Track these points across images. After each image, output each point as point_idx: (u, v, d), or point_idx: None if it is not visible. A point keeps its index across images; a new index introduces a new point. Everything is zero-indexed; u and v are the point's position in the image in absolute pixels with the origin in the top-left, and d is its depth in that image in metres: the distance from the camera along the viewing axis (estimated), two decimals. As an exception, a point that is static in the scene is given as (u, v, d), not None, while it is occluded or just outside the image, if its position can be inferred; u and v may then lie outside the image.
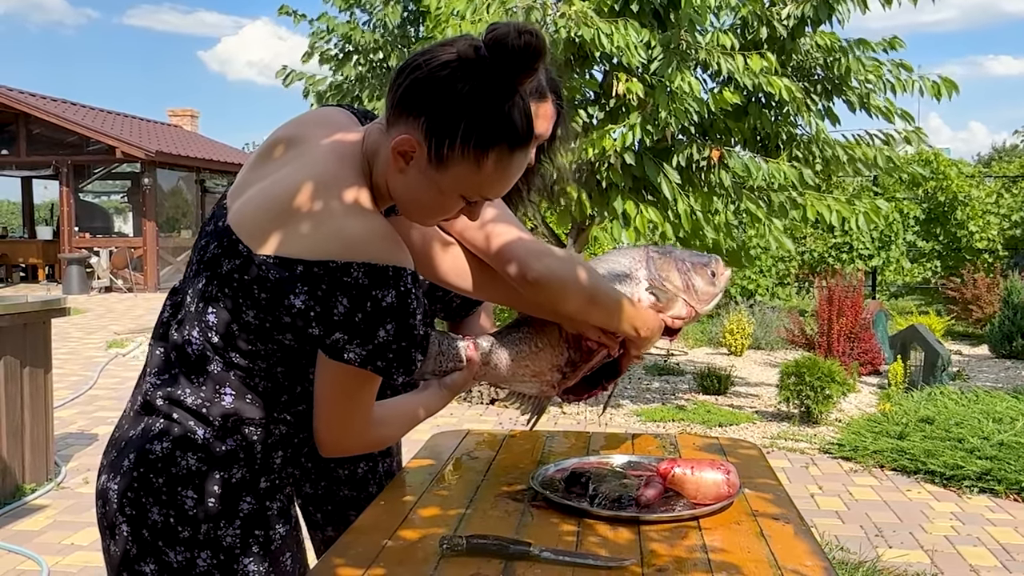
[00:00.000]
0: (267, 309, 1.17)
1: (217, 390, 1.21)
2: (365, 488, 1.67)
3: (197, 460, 1.20)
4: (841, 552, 3.51)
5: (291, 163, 1.22)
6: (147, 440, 1.22)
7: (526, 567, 1.22)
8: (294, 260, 1.12)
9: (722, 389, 6.86)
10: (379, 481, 1.69)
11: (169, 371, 1.24)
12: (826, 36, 5.62)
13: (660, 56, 5.18)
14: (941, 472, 4.54)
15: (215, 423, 1.21)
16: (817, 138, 5.72)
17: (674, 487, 1.49)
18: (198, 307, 1.22)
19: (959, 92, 5.65)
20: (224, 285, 1.19)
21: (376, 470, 1.70)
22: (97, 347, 9.48)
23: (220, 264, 1.19)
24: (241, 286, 1.17)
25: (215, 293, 1.20)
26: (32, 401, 4.31)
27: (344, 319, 1.12)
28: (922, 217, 13.51)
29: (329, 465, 1.64)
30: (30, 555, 3.50)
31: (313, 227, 1.13)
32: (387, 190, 1.21)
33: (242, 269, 1.17)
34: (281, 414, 1.26)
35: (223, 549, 1.21)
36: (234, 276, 1.18)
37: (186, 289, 1.27)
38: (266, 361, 1.21)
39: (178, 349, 1.23)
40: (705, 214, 5.42)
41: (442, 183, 1.16)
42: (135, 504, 1.20)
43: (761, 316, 10.05)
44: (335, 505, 1.67)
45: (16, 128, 17.27)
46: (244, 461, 1.23)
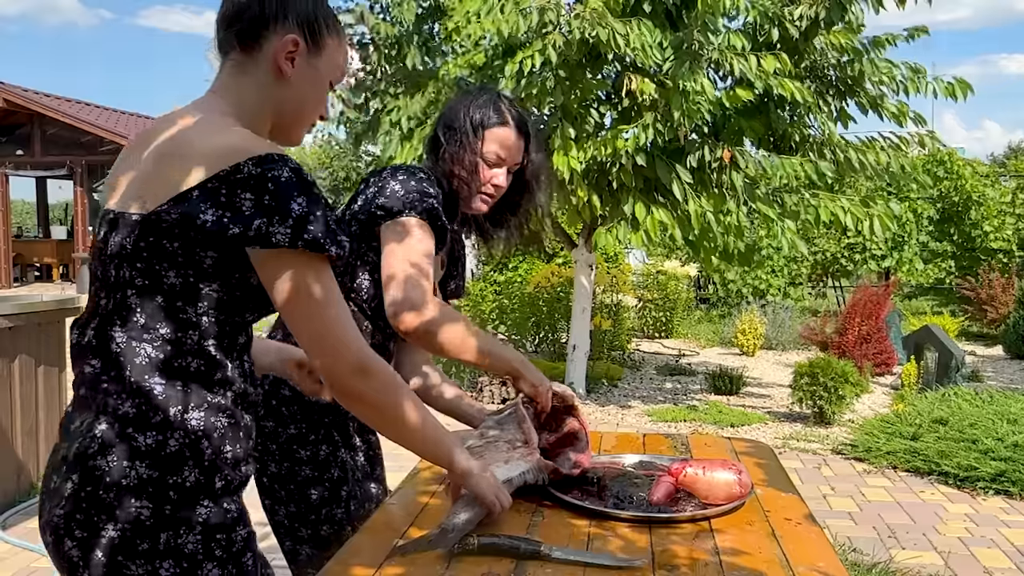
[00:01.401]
0: (184, 254, 1.16)
1: (145, 387, 1.17)
2: (327, 470, 1.72)
3: (146, 467, 1.15)
4: (854, 553, 3.49)
5: (150, 147, 1.25)
6: (89, 457, 1.17)
7: (537, 567, 1.23)
8: (186, 191, 1.15)
9: (734, 389, 6.84)
10: (341, 466, 1.74)
11: (97, 386, 1.20)
12: (840, 36, 5.59)
13: (673, 56, 5.17)
14: (955, 473, 4.51)
15: (155, 422, 1.16)
16: (830, 140, 5.69)
17: (686, 487, 1.49)
18: (119, 312, 1.20)
19: (974, 93, 5.61)
20: (134, 265, 1.19)
21: (337, 455, 1.74)
22: (111, 346, 9.52)
23: (126, 250, 1.19)
24: (152, 253, 1.17)
25: (131, 279, 1.19)
26: (47, 400, 4.34)
27: (255, 208, 1.14)
28: (936, 217, 13.43)
29: (292, 447, 1.72)
30: (44, 552, 3.53)
31: (189, 158, 1.17)
32: (265, 125, 1.30)
33: (145, 234, 1.17)
34: (216, 396, 1.20)
35: (185, 557, 1.17)
36: (141, 249, 1.18)
37: (94, 319, 1.24)
38: (196, 329, 1.19)
39: (103, 359, 1.20)
40: (716, 215, 5.40)
41: (321, 67, 1.31)
42: (86, 526, 1.16)
43: (773, 316, 10.02)
44: (297, 485, 1.72)
45: (31, 129, 17.38)
46: (192, 460, 1.17)
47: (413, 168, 1.72)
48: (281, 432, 1.72)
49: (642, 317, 10.28)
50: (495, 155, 1.75)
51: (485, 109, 1.76)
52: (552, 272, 8.94)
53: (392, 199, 1.63)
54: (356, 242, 1.69)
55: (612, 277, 8.86)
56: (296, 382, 1.51)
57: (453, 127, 1.76)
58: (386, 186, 1.65)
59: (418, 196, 1.64)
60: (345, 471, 1.75)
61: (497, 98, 1.80)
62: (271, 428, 1.72)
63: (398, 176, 1.67)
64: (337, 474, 1.73)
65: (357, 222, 1.68)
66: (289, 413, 1.72)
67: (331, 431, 1.75)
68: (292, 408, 1.72)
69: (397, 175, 1.67)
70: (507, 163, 1.77)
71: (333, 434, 1.75)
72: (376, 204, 1.64)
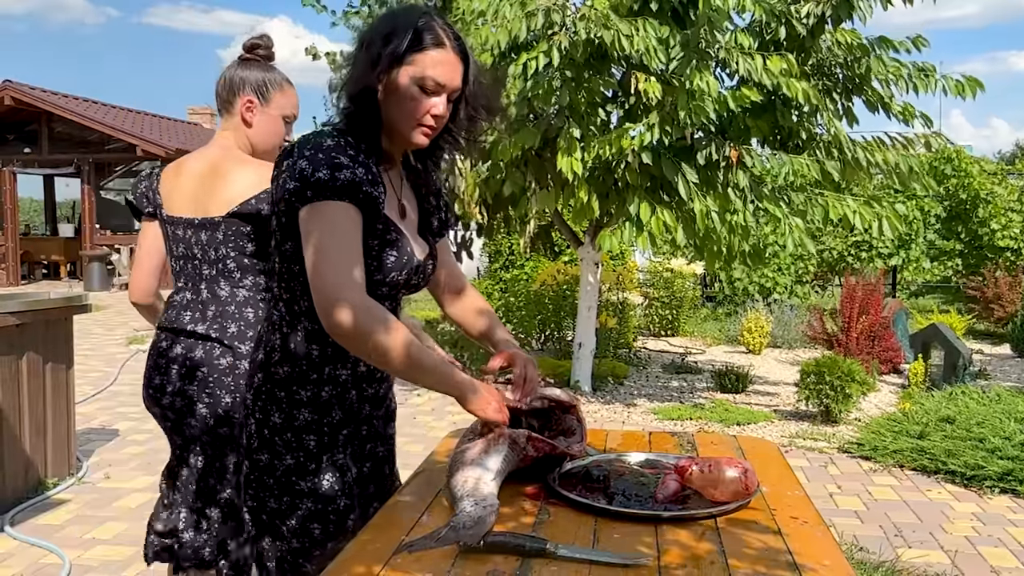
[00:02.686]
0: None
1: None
2: (332, 501, 1.62)
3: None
4: (860, 552, 3.49)
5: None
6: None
7: (543, 564, 1.23)
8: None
9: (740, 388, 6.83)
10: (347, 493, 1.64)
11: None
12: (847, 34, 5.57)
13: (679, 55, 5.16)
14: (962, 472, 4.50)
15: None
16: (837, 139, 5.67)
17: (691, 485, 1.49)
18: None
19: (983, 90, 5.59)
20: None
21: (342, 479, 1.64)
22: (118, 343, 9.56)
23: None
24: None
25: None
26: (54, 397, 4.36)
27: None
28: (943, 215, 13.38)
29: (291, 479, 1.61)
30: (52, 548, 3.54)
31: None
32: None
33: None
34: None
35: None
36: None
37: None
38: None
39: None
40: (722, 215, 5.38)
41: (270, 111, 2.20)
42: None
43: (780, 314, 10.00)
44: (300, 520, 1.62)
45: (38, 127, 17.44)
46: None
47: (320, 136, 1.51)
48: (278, 464, 1.60)
49: (648, 315, 10.27)
50: (433, 81, 1.53)
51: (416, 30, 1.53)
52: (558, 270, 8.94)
53: (301, 180, 1.46)
54: (282, 234, 1.55)
55: (618, 275, 8.86)
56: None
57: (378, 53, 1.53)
58: (295, 167, 1.48)
59: (328, 172, 1.45)
60: (351, 497, 1.63)
61: (430, 18, 1.55)
62: (266, 461, 1.60)
63: (305, 151, 1.48)
64: (344, 504, 1.61)
65: (280, 213, 1.53)
66: (283, 443, 1.60)
67: (329, 455, 1.61)
68: (286, 436, 1.60)
69: (304, 150, 1.49)
70: (447, 90, 1.55)
71: (335, 457, 1.62)
72: (287, 190, 1.48)
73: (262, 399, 1.61)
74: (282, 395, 1.59)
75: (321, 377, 1.59)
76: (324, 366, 1.58)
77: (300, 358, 1.58)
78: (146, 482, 4.52)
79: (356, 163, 1.49)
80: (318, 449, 1.60)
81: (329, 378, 1.59)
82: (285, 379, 1.59)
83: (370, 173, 1.50)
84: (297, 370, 1.58)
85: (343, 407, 1.63)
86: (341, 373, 1.60)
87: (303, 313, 1.57)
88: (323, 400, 1.60)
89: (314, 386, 1.59)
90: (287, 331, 1.59)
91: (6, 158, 17.52)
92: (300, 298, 1.56)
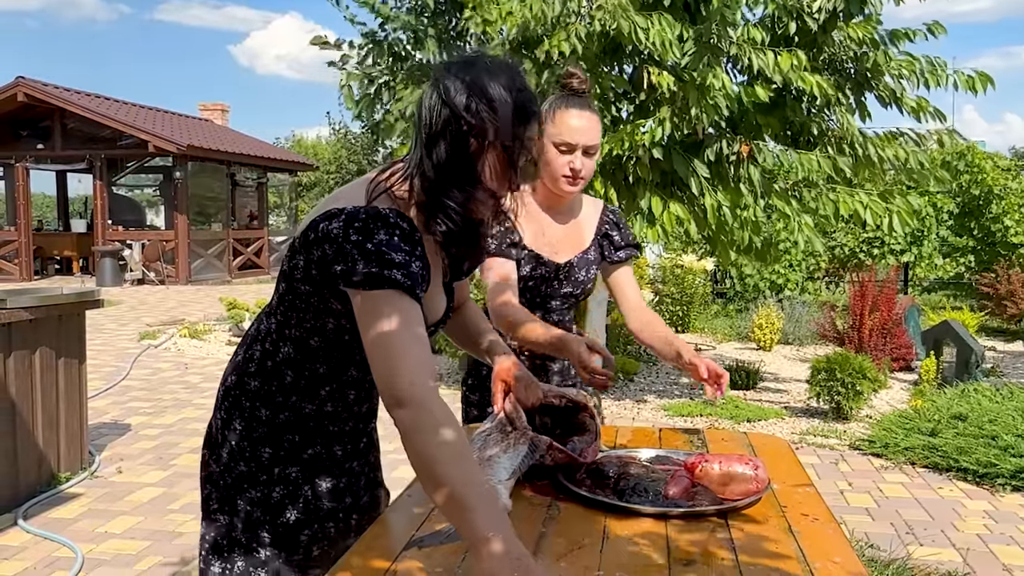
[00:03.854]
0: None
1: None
2: (298, 532, 1.58)
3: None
4: (871, 549, 3.47)
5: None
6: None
7: (552, 557, 1.23)
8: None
9: (751, 384, 6.82)
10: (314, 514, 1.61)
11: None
12: (859, 28, 5.54)
13: (692, 50, 5.14)
14: (974, 470, 4.48)
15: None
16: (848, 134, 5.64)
17: (701, 482, 1.49)
18: None
19: (994, 86, 5.55)
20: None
21: (308, 498, 1.60)
22: (130, 339, 9.61)
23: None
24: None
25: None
26: (67, 391, 4.39)
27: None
28: (956, 211, 13.31)
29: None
30: (65, 542, 3.57)
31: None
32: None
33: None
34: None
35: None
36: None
37: None
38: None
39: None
40: (733, 210, 5.37)
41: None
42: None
43: (791, 311, 9.97)
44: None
45: (51, 123, 17.53)
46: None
47: (376, 220, 1.36)
48: (233, 467, 1.58)
49: (659, 311, 10.25)
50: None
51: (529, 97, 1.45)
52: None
53: (349, 267, 1.34)
54: (304, 275, 1.44)
55: (628, 271, 8.83)
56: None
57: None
58: (343, 248, 1.34)
59: (378, 267, 1.33)
60: (305, 512, 1.58)
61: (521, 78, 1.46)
62: (225, 460, 1.59)
63: (351, 235, 1.35)
64: (293, 518, 1.57)
65: (308, 277, 1.42)
66: (239, 449, 1.58)
67: (280, 467, 1.57)
68: (242, 444, 1.58)
69: (351, 232, 1.35)
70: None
71: (287, 471, 1.57)
72: (332, 271, 1.36)
73: (229, 400, 1.60)
74: (246, 405, 1.58)
75: (285, 402, 1.55)
76: (291, 394, 1.55)
77: (272, 378, 1.56)
78: (158, 476, 4.55)
79: (411, 257, 1.36)
80: (270, 461, 1.57)
81: (292, 406, 1.56)
82: (253, 392, 1.57)
83: (424, 269, 1.39)
84: (265, 388, 1.56)
85: (299, 435, 1.57)
86: (306, 406, 1.56)
87: (291, 339, 1.54)
88: (280, 423, 1.57)
89: (275, 408, 1.56)
90: (269, 348, 1.56)
91: (19, 154, 17.62)
92: (295, 327, 1.52)
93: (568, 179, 2.08)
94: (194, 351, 8.87)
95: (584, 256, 2.23)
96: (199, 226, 18.38)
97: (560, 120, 2.06)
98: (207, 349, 8.96)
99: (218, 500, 1.59)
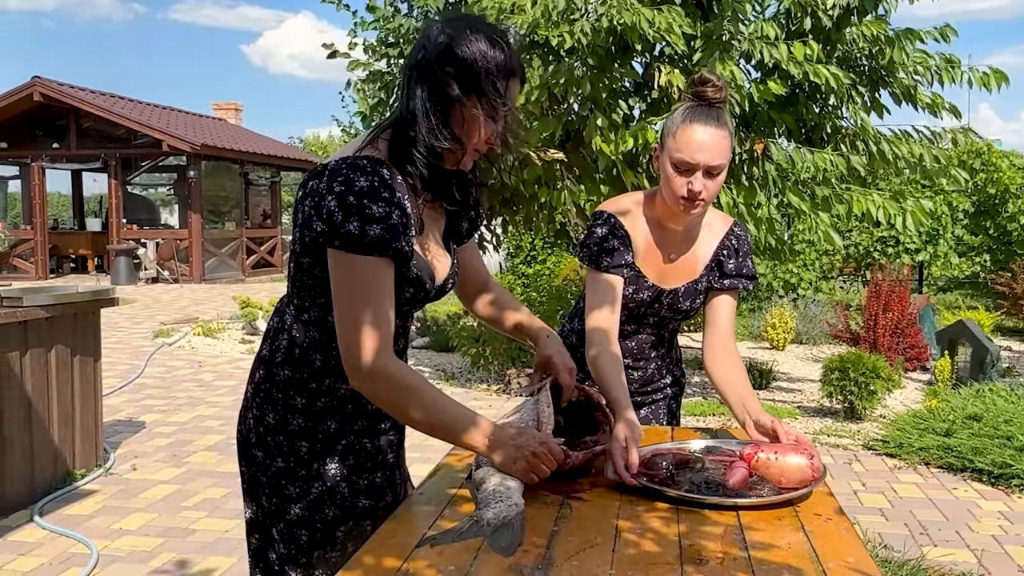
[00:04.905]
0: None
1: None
2: (319, 510, 1.60)
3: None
4: (885, 550, 3.46)
5: None
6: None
7: (564, 559, 1.23)
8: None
9: (764, 383, 6.79)
10: (337, 502, 1.61)
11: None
12: (872, 26, 5.51)
13: (703, 46, 5.12)
14: (989, 470, 4.45)
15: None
16: (863, 131, 5.61)
17: (757, 472, 1.49)
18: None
19: (1008, 84, 5.51)
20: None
21: (333, 488, 1.61)
22: (144, 337, 9.67)
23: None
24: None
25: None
26: (82, 389, 4.42)
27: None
28: (971, 210, 13.21)
29: (280, 482, 1.60)
30: (80, 539, 3.59)
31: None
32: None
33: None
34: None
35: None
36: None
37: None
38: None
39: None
40: (748, 208, 5.35)
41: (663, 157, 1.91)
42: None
43: (804, 310, 9.93)
44: (287, 524, 1.61)
45: (67, 122, 17.66)
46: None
47: (353, 171, 1.41)
48: (270, 464, 1.59)
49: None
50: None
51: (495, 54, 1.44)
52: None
53: (329, 226, 1.39)
54: (302, 247, 1.49)
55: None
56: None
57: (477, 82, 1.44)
58: (321, 205, 1.40)
59: (359, 225, 1.38)
60: (342, 508, 1.59)
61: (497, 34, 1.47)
62: (260, 459, 1.60)
63: (335, 187, 1.39)
64: (332, 514, 1.59)
65: (302, 234, 1.45)
66: (275, 444, 1.58)
67: (320, 463, 1.58)
68: (278, 439, 1.58)
69: (334, 185, 1.40)
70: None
71: (327, 466, 1.58)
72: (314, 230, 1.41)
73: (260, 396, 1.60)
74: (279, 397, 1.58)
75: (320, 387, 1.57)
76: (324, 377, 1.56)
77: (302, 365, 1.56)
78: (172, 474, 4.57)
79: (391, 206, 1.41)
80: (309, 456, 1.58)
81: (328, 389, 1.57)
82: (284, 382, 1.57)
83: (403, 216, 1.43)
84: (297, 376, 1.57)
85: (337, 418, 1.59)
86: (340, 387, 1.57)
87: (312, 322, 1.55)
88: (317, 409, 1.57)
89: (311, 395, 1.57)
90: (295, 335, 1.57)
91: (35, 153, 17.75)
92: (310, 308, 1.54)
93: (686, 201, 1.85)
94: (208, 349, 8.91)
95: (693, 286, 2.02)
96: (213, 225, 18.46)
97: (682, 135, 1.83)
98: (221, 347, 9.01)
99: (257, 496, 1.61)
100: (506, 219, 6.52)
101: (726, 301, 2.01)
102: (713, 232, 2.03)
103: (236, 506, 4.01)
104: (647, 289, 2.00)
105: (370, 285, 1.41)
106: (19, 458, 3.98)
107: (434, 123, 1.45)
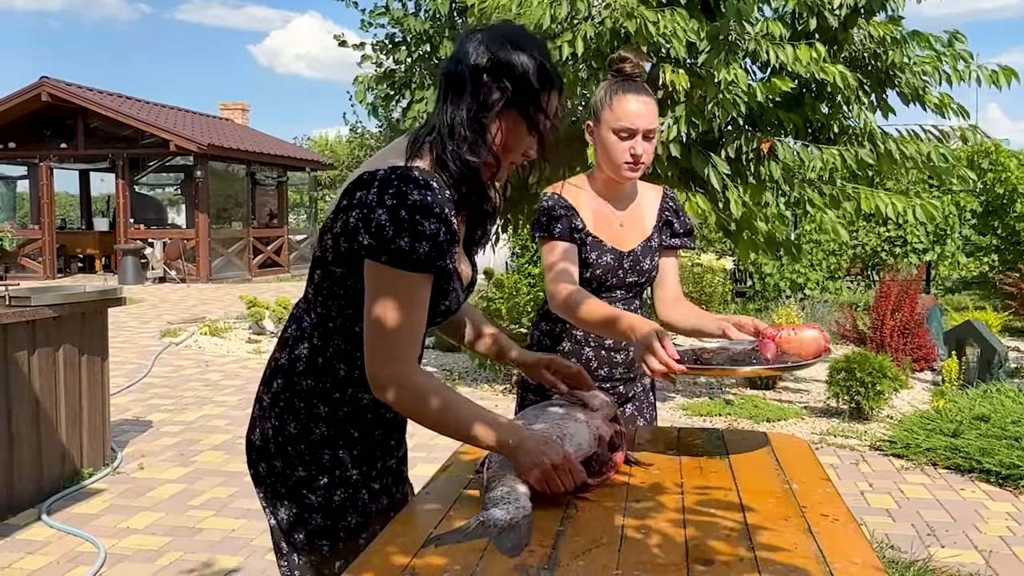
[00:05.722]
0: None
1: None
2: (342, 517, 1.59)
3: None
4: (892, 551, 3.45)
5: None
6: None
7: (570, 558, 1.23)
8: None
9: (770, 384, 6.78)
10: (359, 509, 1.60)
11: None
12: (879, 27, 5.49)
13: (708, 47, 5.12)
14: (997, 471, 4.43)
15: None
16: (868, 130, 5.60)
17: (782, 347, 1.72)
18: None
19: (1019, 80, 5.49)
20: None
21: (355, 495, 1.60)
22: (151, 336, 9.70)
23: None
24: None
25: None
26: (90, 388, 4.43)
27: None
28: (979, 210, 13.16)
29: (301, 491, 1.58)
30: (87, 537, 3.61)
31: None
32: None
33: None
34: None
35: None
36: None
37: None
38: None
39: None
40: (755, 206, 5.34)
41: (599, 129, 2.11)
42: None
43: (811, 310, 9.91)
44: (308, 534, 1.60)
45: (74, 122, 17.72)
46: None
47: (406, 182, 1.37)
48: (290, 474, 1.57)
49: (677, 310, 10.19)
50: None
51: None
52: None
53: (378, 240, 1.36)
54: (335, 256, 1.46)
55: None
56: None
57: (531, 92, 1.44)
58: (371, 218, 1.36)
59: (409, 242, 1.35)
60: (363, 514, 1.59)
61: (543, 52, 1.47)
62: (279, 468, 1.58)
63: (386, 199, 1.36)
64: (355, 521, 1.57)
65: (338, 243, 1.43)
66: (296, 454, 1.56)
67: (341, 470, 1.57)
68: (299, 448, 1.56)
69: (385, 197, 1.36)
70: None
71: (348, 473, 1.57)
72: (359, 242, 1.38)
73: (280, 406, 1.56)
74: (301, 406, 1.55)
75: (343, 397, 1.55)
76: (348, 387, 1.54)
77: (325, 375, 1.54)
78: (179, 473, 4.58)
79: (440, 222, 1.36)
80: (331, 463, 1.56)
81: (351, 399, 1.55)
82: (307, 392, 1.54)
83: (449, 232, 1.39)
84: (320, 386, 1.54)
85: (359, 427, 1.58)
86: (364, 397, 1.55)
87: (337, 331, 1.53)
88: (340, 418, 1.56)
89: (334, 404, 1.55)
90: (318, 343, 1.54)
91: (43, 153, 17.82)
92: (336, 317, 1.52)
93: (630, 165, 2.06)
94: (215, 349, 8.94)
95: (647, 244, 2.19)
96: (219, 225, 18.51)
97: (618, 106, 2.03)
98: (227, 347, 9.03)
99: (276, 508, 1.59)
100: (508, 218, 6.52)
101: (671, 262, 2.27)
102: (650, 194, 2.25)
103: (243, 505, 4.02)
104: (608, 252, 2.14)
105: (408, 300, 1.39)
106: (27, 457, 3.99)
107: (474, 137, 1.42)
